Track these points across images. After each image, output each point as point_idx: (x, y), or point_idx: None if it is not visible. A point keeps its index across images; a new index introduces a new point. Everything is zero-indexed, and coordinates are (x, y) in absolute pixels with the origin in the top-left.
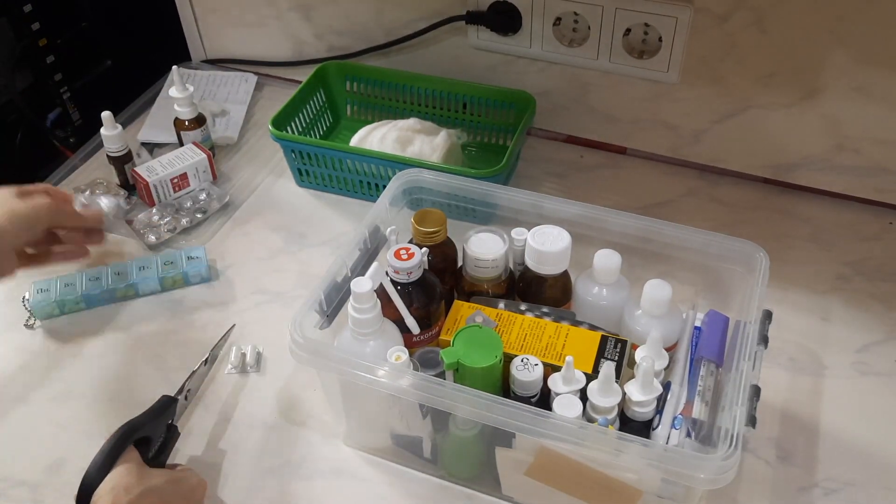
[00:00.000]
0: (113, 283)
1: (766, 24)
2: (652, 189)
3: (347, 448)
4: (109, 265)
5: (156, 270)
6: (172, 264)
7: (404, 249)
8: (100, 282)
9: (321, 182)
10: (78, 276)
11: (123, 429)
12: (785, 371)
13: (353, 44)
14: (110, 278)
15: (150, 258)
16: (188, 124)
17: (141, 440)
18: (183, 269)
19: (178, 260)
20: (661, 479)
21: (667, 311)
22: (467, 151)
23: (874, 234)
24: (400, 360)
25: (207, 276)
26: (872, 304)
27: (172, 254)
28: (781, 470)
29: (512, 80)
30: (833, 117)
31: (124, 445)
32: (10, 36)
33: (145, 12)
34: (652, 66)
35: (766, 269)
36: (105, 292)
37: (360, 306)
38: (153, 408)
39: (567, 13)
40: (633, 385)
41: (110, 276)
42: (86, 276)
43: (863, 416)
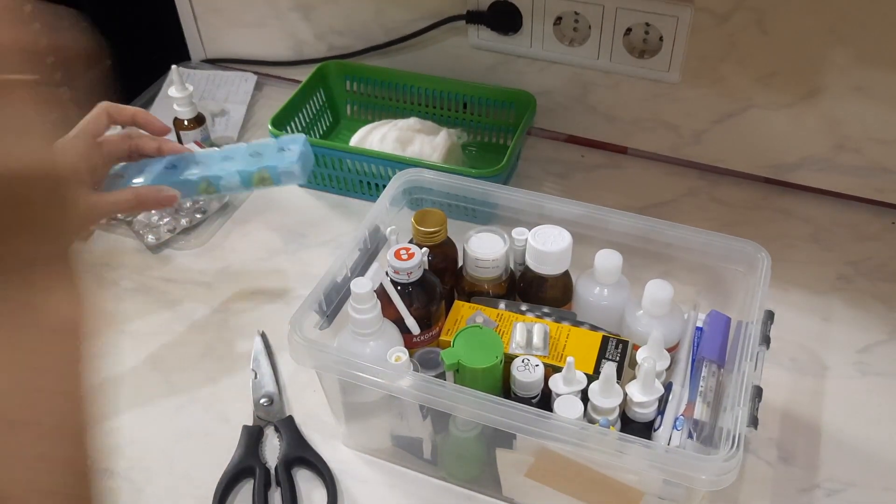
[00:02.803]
0: (191, 170)
1: (766, 24)
2: (653, 189)
3: (347, 449)
4: (193, 153)
5: (239, 162)
6: (260, 156)
7: (404, 249)
8: (177, 170)
9: (321, 182)
10: (156, 163)
11: None
12: (786, 371)
13: (353, 43)
14: (189, 167)
15: (237, 147)
16: (188, 124)
17: None
18: (270, 164)
19: (268, 151)
20: (662, 481)
21: (668, 311)
22: (467, 151)
23: (875, 233)
24: (400, 360)
25: (301, 174)
26: (874, 304)
27: (263, 144)
28: (783, 471)
29: (512, 79)
30: (834, 117)
31: None
32: None
33: (145, 12)
34: (653, 66)
35: (768, 270)
36: (181, 183)
37: (360, 306)
38: None
39: (567, 13)
40: (635, 386)
41: (190, 164)
42: (165, 162)
43: (864, 416)
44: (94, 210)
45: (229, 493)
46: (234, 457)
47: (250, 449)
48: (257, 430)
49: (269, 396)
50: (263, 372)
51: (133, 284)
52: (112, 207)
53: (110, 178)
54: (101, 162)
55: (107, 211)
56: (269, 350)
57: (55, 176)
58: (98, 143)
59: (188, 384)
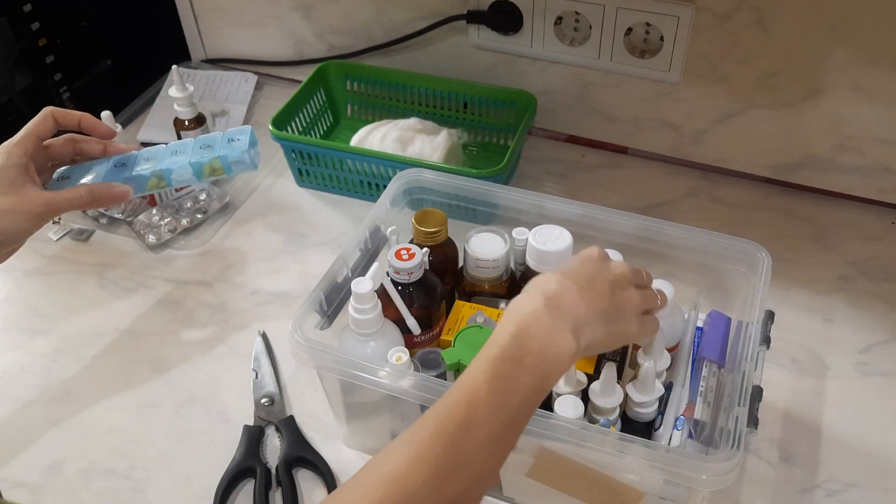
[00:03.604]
0: (140, 166)
1: (767, 24)
2: (653, 189)
3: (348, 449)
4: (140, 151)
5: (189, 156)
6: (210, 148)
7: (405, 249)
8: (126, 168)
9: (321, 182)
10: (104, 163)
11: None
12: (787, 372)
13: (353, 43)
14: (138, 163)
15: (185, 142)
16: (188, 124)
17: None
18: (221, 154)
19: (217, 143)
20: (662, 481)
21: (668, 311)
22: (468, 151)
23: (877, 234)
24: (401, 360)
25: (252, 162)
26: (875, 305)
27: (211, 137)
28: (783, 471)
29: (513, 79)
30: (835, 117)
31: None
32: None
33: (145, 12)
34: (653, 66)
35: (769, 270)
36: (131, 179)
37: (361, 307)
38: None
39: (568, 12)
40: (635, 386)
41: (139, 160)
42: (112, 161)
43: (865, 416)
44: (47, 206)
45: (230, 493)
46: (235, 457)
47: (251, 449)
48: (258, 430)
49: (269, 396)
50: (264, 372)
51: (133, 284)
52: (66, 204)
53: (55, 181)
54: (47, 165)
55: (61, 207)
56: (270, 350)
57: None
58: (44, 146)
59: (188, 384)
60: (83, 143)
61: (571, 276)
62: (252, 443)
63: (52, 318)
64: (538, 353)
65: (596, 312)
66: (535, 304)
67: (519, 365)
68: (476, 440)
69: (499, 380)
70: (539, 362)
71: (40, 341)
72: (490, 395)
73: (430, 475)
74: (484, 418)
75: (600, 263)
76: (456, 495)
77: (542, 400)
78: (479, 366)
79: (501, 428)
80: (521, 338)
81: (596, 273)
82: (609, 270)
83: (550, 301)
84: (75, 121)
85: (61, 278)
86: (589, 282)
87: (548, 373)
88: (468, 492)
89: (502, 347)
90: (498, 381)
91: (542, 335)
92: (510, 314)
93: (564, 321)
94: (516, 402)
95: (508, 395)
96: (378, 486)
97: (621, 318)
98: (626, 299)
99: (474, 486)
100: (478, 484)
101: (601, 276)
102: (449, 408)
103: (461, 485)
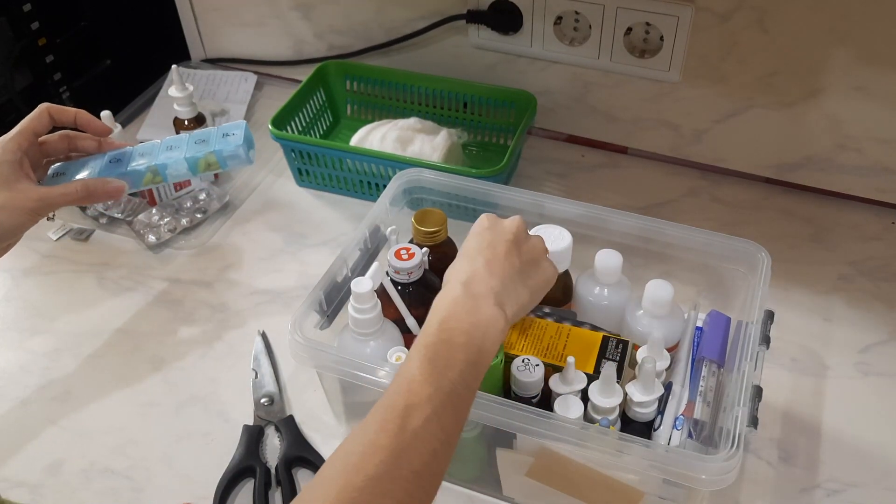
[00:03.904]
0: (135, 162)
1: (767, 24)
2: (653, 189)
3: None
4: (135, 147)
5: (184, 151)
6: (204, 143)
7: (405, 249)
8: (121, 163)
9: (321, 182)
10: (98, 158)
11: None
12: (787, 371)
13: (353, 43)
14: (133, 158)
15: (180, 137)
16: (188, 124)
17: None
18: (216, 148)
19: (212, 138)
20: (662, 480)
21: (668, 311)
22: (468, 151)
23: (876, 233)
24: (400, 360)
25: (247, 157)
26: (875, 305)
27: (206, 132)
28: (783, 471)
29: (512, 79)
30: (835, 117)
31: None
32: (9, 35)
33: (145, 12)
34: (653, 66)
35: (768, 269)
36: (126, 174)
37: (361, 306)
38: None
39: (568, 12)
40: (635, 385)
41: (134, 156)
42: (108, 157)
43: (865, 416)
44: (42, 202)
45: (230, 493)
46: (235, 456)
47: (251, 448)
48: (258, 429)
49: (269, 396)
50: (264, 372)
51: (133, 284)
52: (61, 199)
53: (50, 177)
54: (42, 161)
55: (56, 202)
56: (270, 350)
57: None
58: (39, 143)
59: (188, 384)
60: (78, 139)
61: (475, 252)
62: (252, 442)
63: (51, 318)
64: (468, 331)
65: (511, 276)
66: (454, 293)
67: (451, 345)
68: (421, 418)
69: (434, 361)
70: (469, 340)
71: (40, 340)
72: (427, 375)
73: (385, 457)
74: (425, 398)
75: (494, 229)
76: (415, 470)
77: (485, 372)
78: (413, 355)
79: (444, 402)
80: (448, 323)
81: (495, 240)
82: (505, 231)
83: (467, 286)
84: (71, 117)
85: (61, 278)
86: (492, 251)
87: (480, 346)
88: (427, 465)
89: (432, 335)
90: (433, 362)
91: (468, 317)
92: (434, 311)
93: (485, 298)
94: (454, 376)
95: (445, 372)
96: (338, 476)
97: (535, 268)
98: (532, 249)
99: (431, 459)
100: (434, 457)
101: (501, 240)
102: (390, 396)
103: (417, 460)
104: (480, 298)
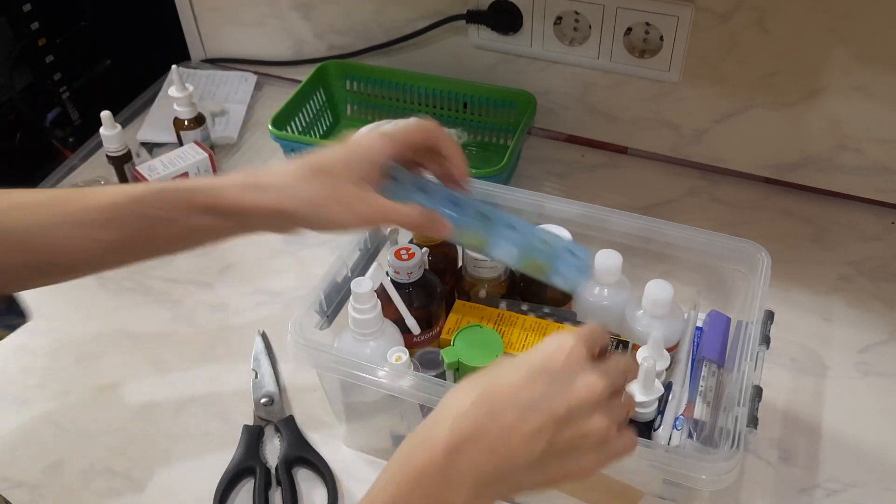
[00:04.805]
0: (472, 217)
1: (767, 24)
2: (653, 189)
3: (347, 449)
4: (476, 203)
5: (523, 242)
6: (547, 246)
7: (405, 249)
8: (458, 208)
9: None
10: (439, 190)
11: None
12: (787, 371)
13: (353, 43)
14: (471, 212)
15: (523, 222)
16: (188, 124)
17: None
18: (556, 265)
19: (557, 247)
20: (662, 480)
21: (668, 311)
22: (468, 151)
23: (876, 233)
24: (401, 360)
25: (574, 283)
26: (875, 305)
27: (552, 235)
28: (783, 471)
29: (512, 79)
30: (835, 117)
31: None
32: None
33: (145, 12)
34: (653, 66)
35: (768, 270)
36: (458, 222)
37: (361, 307)
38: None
39: (568, 12)
40: (635, 386)
41: (472, 210)
42: (447, 194)
43: (865, 416)
44: (379, 214)
45: (230, 493)
46: (235, 456)
47: (251, 449)
48: (258, 429)
49: (269, 396)
50: (264, 372)
51: (133, 284)
52: (397, 219)
53: (387, 183)
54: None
55: (390, 220)
56: (270, 350)
57: (277, 213)
58: (396, 142)
59: (188, 384)
60: (431, 162)
61: (505, 402)
62: (252, 442)
63: (51, 318)
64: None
65: (521, 463)
66: (432, 456)
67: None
68: None
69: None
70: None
71: (39, 341)
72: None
73: None
74: None
75: (562, 378)
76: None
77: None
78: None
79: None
80: (397, 499)
81: (546, 398)
82: (571, 391)
83: (452, 455)
84: (443, 147)
85: None
86: (524, 414)
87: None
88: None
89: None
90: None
91: (430, 498)
92: (398, 460)
93: (460, 484)
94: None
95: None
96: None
97: (569, 455)
98: (583, 434)
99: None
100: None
101: (549, 404)
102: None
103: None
104: (455, 487)
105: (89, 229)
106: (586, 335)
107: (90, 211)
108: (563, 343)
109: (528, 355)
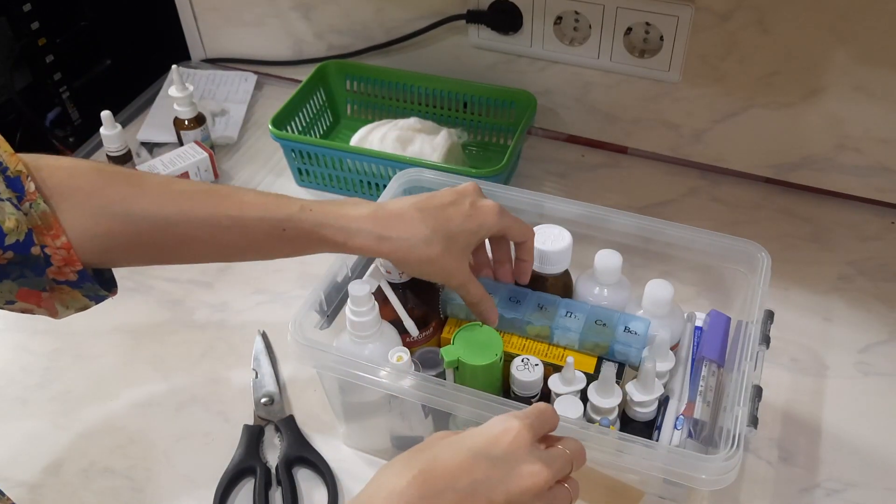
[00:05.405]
0: (531, 313)
1: (767, 24)
2: (653, 189)
3: (348, 448)
4: (535, 294)
5: (582, 323)
6: (605, 328)
7: None
8: (517, 307)
9: (321, 181)
10: (502, 285)
11: None
12: (787, 371)
13: (353, 43)
14: (530, 307)
15: (582, 305)
16: (188, 124)
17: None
18: (615, 345)
19: (616, 324)
20: (662, 480)
21: (668, 311)
22: (468, 151)
23: (876, 233)
24: (401, 360)
25: (638, 356)
26: (875, 304)
27: (609, 313)
28: (783, 470)
29: (512, 79)
30: (835, 116)
31: None
32: (9, 35)
33: (145, 12)
34: (653, 66)
35: (768, 269)
36: (514, 322)
37: (358, 309)
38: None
39: (568, 12)
40: (635, 385)
41: (531, 305)
42: (508, 288)
43: (865, 416)
44: (463, 287)
45: (230, 493)
46: (235, 456)
47: (251, 448)
48: (258, 429)
49: (269, 396)
50: (264, 371)
51: (133, 284)
52: (469, 296)
53: None
54: None
55: (467, 294)
56: (270, 350)
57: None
58: (502, 228)
59: (188, 384)
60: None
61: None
62: (252, 442)
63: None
64: None
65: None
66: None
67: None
68: None
69: None
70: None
71: (40, 341)
72: None
73: None
74: None
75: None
76: None
77: None
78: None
79: None
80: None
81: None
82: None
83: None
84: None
85: None
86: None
87: None
88: None
89: None
90: None
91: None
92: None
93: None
94: None
95: None
96: None
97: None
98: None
99: None
100: None
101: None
102: None
103: None
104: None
105: (214, 230)
106: (534, 418)
107: (221, 218)
108: (509, 426)
109: (471, 436)
